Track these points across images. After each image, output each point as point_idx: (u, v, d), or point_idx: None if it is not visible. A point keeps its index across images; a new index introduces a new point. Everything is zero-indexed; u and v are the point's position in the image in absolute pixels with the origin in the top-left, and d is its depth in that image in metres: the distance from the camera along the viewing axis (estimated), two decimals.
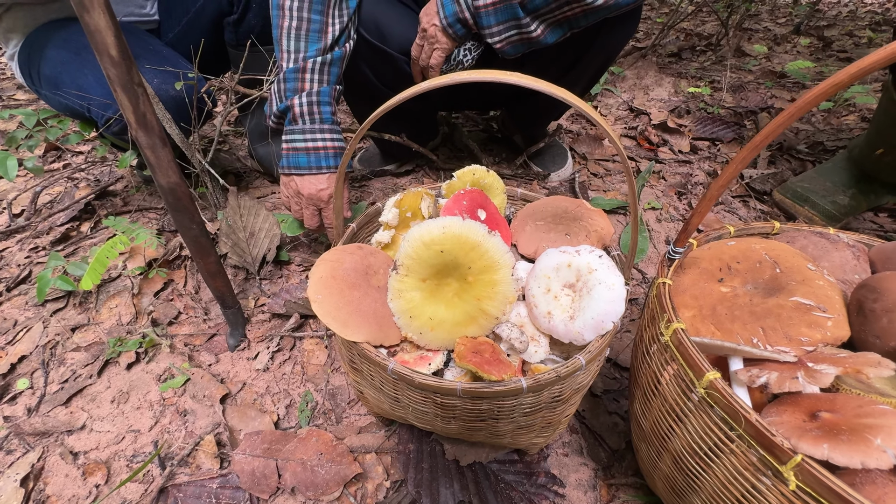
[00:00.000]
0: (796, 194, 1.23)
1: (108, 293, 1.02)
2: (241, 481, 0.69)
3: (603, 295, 0.55)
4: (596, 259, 0.58)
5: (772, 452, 0.37)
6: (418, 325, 0.59)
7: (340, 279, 0.59)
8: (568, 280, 0.59)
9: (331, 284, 0.58)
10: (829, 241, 0.59)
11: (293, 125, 0.86)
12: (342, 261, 0.61)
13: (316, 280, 0.58)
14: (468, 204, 0.70)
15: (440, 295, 0.59)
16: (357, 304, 0.57)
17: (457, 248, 0.56)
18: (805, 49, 2.48)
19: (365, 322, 0.56)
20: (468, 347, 0.55)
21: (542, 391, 0.54)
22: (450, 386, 0.51)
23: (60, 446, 0.76)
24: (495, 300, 0.58)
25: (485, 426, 0.59)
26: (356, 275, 0.60)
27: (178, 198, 0.71)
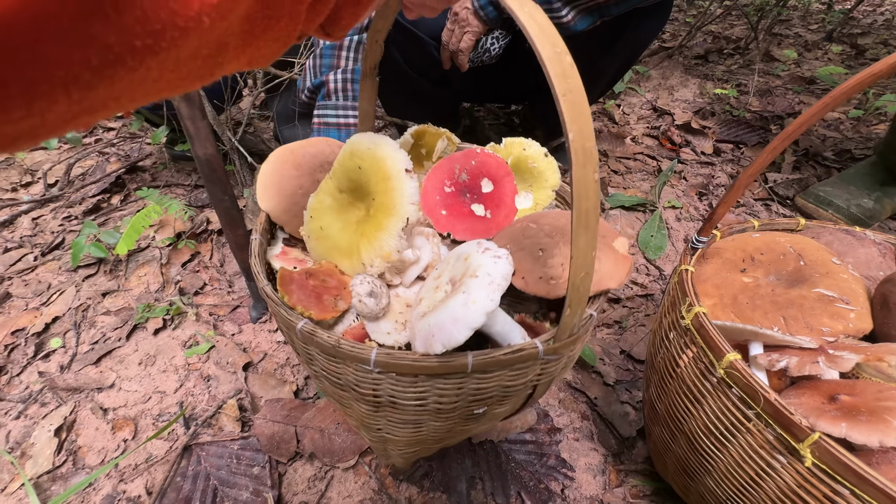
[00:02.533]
0: (819, 198, 1.22)
1: (138, 262, 1.06)
2: (261, 444, 0.72)
3: (454, 305, 0.39)
4: (490, 262, 0.42)
5: (789, 431, 0.38)
6: (311, 229, 0.56)
7: (290, 164, 0.59)
8: (455, 274, 0.45)
9: (279, 168, 0.58)
10: (856, 238, 0.59)
11: (326, 101, 0.88)
12: (303, 148, 0.61)
13: (270, 158, 0.60)
14: (469, 171, 0.60)
15: (345, 213, 0.55)
16: (284, 183, 0.58)
17: (372, 172, 0.52)
18: (836, 56, 2.43)
19: (278, 197, 0.57)
20: (299, 280, 0.49)
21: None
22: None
23: (91, 402, 0.79)
24: (372, 245, 0.51)
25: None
26: (307, 161, 0.60)
27: (213, 169, 0.74)
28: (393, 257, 0.50)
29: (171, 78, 0.18)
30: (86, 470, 0.70)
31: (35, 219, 1.23)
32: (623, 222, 1.23)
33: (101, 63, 0.15)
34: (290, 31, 0.24)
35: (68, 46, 0.14)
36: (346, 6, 0.28)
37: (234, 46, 0.21)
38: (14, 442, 0.73)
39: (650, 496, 0.68)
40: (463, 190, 0.62)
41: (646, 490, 0.69)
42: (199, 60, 0.19)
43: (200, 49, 0.19)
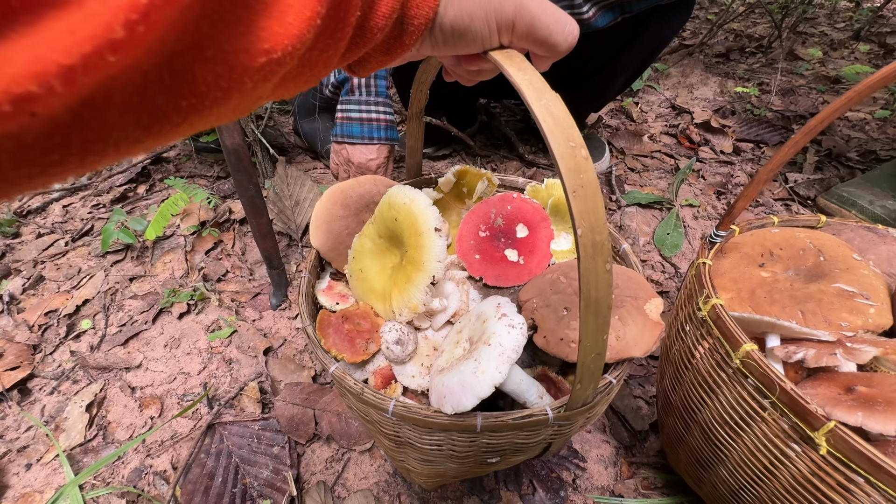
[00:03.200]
0: (842, 199, 1.20)
1: (163, 249, 1.09)
2: (281, 425, 0.74)
3: (465, 370, 0.41)
4: (504, 330, 0.43)
5: (804, 419, 0.39)
6: (352, 269, 0.59)
7: (339, 204, 0.61)
8: (473, 334, 0.47)
9: (329, 208, 0.61)
10: (878, 234, 0.59)
11: (350, 96, 0.90)
12: (352, 188, 0.63)
13: (323, 198, 0.62)
14: (505, 216, 0.61)
15: (383, 258, 0.58)
16: (333, 222, 0.60)
17: (406, 226, 0.53)
18: (864, 55, 2.37)
19: (326, 235, 0.59)
20: (336, 324, 0.53)
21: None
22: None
23: (119, 381, 0.83)
24: (402, 295, 0.53)
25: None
26: (355, 201, 0.62)
27: (240, 158, 0.76)
28: (420, 310, 0.52)
29: (208, 124, 0.19)
30: (115, 444, 0.74)
31: (66, 206, 1.27)
32: (639, 219, 1.23)
33: (150, 122, 0.16)
34: (320, 78, 0.25)
35: (128, 111, 0.15)
36: (375, 55, 0.29)
37: (269, 96, 0.22)
38: (49, 416, 0.77)
39: (661, 488, 0.69)
40: (498, 235, 0.64)
41: (657, 482, 0.69)
42: (238, 112, 0.20)
43: (241, 103, 0.20)
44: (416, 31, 0.29)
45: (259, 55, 0.18)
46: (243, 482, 0.69)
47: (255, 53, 0.18)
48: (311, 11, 0.20)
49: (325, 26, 0.22)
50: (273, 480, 0.69)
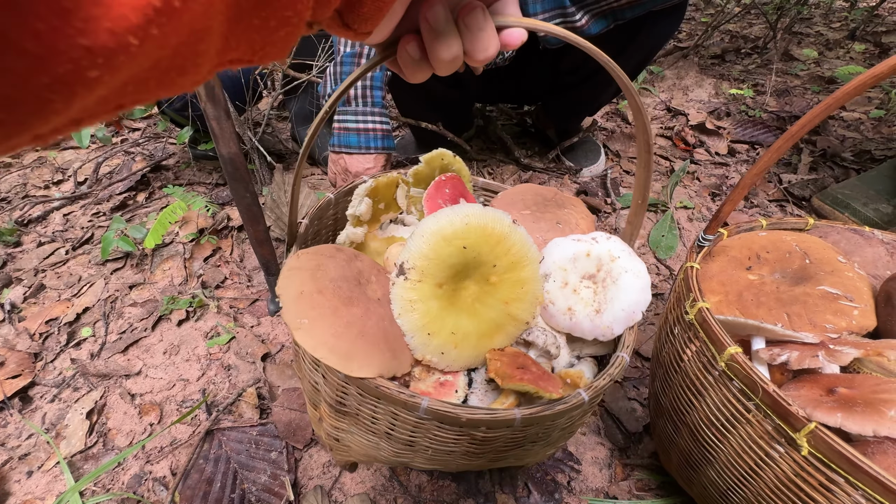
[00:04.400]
0: (836, 200, 1.20)
1: (162, 256, 1.11)
2: (278, 431, 0.75)
3: (631, 283, 0.51)
4: (617, 246, 0.54)
5: (787, 421, 0.40)
6: (439, 344, 0.46)
7: (330, 293, 0.43)
8: (587, 271, 0.53)
9: (319, 302, 0.42)
10: (863, 237, 0.60)
11: (346, 107, 0.92)
12: (324, 267, 0.45)
13: (294, 297, 0.41)
14: (451, 192, 0.61)
15: (459, 302, 0.48)
16: (361, 326, 0.42)
17: (482, 243, 0.46)
18: (859, 55, 2.38)
19: (376, 350, 0.42)
20: (507, 363, 0.45)
21: (596, 400, 0.46)
22: (506, 416, 0.40)
23: (119, 388, 0.84)
24: (525, 302, 0.49)
25: (515, 453, 0.49)
26: (348, 285, 0.45)
27: (236, 167, 0.78)
28: (545, 299, 0.50)
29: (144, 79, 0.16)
30: (115, 451, 0.75)
31: (66, 215, 1.29)
32: None
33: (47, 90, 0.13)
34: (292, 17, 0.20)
35: None
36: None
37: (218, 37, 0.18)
38: (49, 423, 0.78)
39: (655, 489, 0.69)
40: None
41: (651, 483, 0.70)
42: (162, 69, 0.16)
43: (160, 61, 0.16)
44: None
45: None
46: (241, 487, 0.70)
47: None
48: None
49: None
50: (271, 485, 0.69)
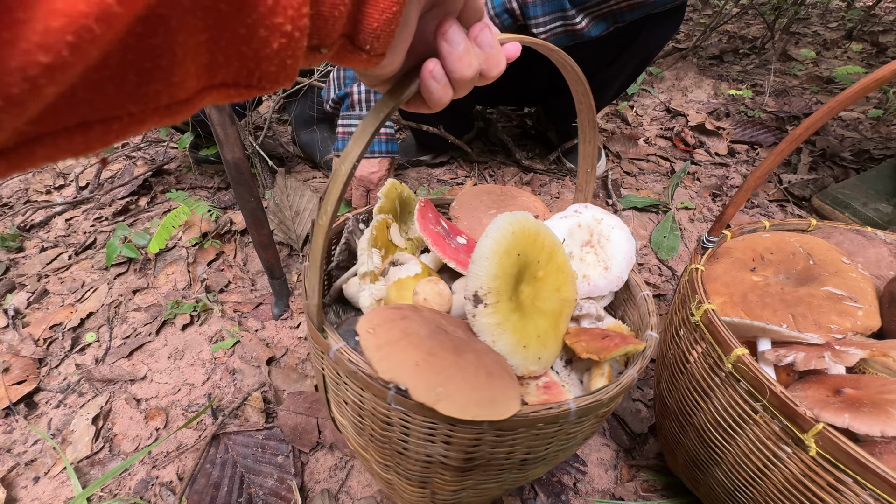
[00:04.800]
0: (836, 200, 1.21)
1: (166, 261, 1.11)
2: (284, 434, 0.75)
3: (621, 235, 0.60)
4: (595, 210, 0.62)
5: (794, 421, 0.40)
6: (534, 352, 0.47)
7: (440, 351, 0.40)
8: (584, 239, 0.61)
9: (439, 365, 0.38)
10: (866, 238, 0.60)
11: (350, 111, 0.92)
12: (411, 330, 0.42)
13: (413, 372, 0.37)
14: (432, 216, 0.64)
15: (525, 307, 0.49)
16: (484, 368, 0.40)
17: (528, 246, 0.49)
18: (856, 55, 2.39)
19: (506, 384, 0.40)
20: (589, 339, 0.49)
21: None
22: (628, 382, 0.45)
23: (125, 393, 0.84)
24: (569, 283, 0.53)
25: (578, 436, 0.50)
26: (442, 337, 0.42)
27: (240, 172, 0.78)
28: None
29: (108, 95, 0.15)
30: (121, 456, 0.75)
31: (68, 220, 1.29)
32: (636, 223, 1.24)
33: None
34: (284, 24, 0.19)
35: None
36: (372, 2, 0.23)
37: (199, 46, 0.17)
38: (55, 429, 0.78)
39: (661, 490, 0.69)
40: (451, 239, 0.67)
41: (657, 485, 0.70)
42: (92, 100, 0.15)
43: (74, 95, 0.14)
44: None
45: None
46: (248, 491, 0.70)
47: None
48: None
49: None
50: (278, 489, 0.70)
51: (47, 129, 0.15)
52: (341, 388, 0.46)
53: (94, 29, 0.12)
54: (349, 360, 0.42)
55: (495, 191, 0.75)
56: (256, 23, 0.18)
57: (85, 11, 0.12)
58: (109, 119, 0.16)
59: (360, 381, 0.42)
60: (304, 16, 0.20)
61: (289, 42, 0.20)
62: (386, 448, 0.46)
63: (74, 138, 0.15)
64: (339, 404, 0.50)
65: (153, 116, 0.17)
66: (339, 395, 0.48)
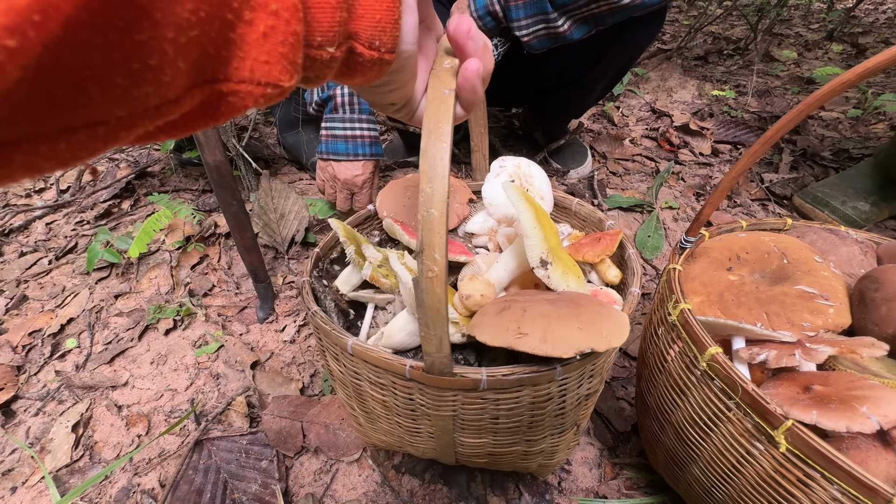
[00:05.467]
0: (816, 199, 1.23)
1: (149, 265, 1.09)
2: (269, 439, 0.75)
3: (537, 171, 0.73)
4: (513, 160, 0.73)
5: (765, 419, 0.41)
6: (583, 279, 0.55)
7: (580, 315, 0.44)
8: (518, 184, 0.71)
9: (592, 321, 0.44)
10: (839, 236, 0.61)
11: (334, 114, 0.92)
12: (546, 311, 0.45)
13: (579, 335, 0.42)
14: (402, 225, 0.66)
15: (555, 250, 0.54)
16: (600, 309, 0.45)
17: (532, 204, 0.55)
18: (837, 56, 2.44)
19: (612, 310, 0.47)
20: (590, 247, 0.59)
21: None
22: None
23: (106, 399, 0.82)
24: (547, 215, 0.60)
25: None
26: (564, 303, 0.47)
27: (222, 175, 0.77)
28: None
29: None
30: (102, 464, 0.74)
31: (49, 224, 1.27)
32: (621, 223, 1.25)
33: None
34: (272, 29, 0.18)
35: None
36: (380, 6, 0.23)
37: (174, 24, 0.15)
38: (34, 437, 0.77)
39: (643, 488, 0.70)
40: None
41: (639, 482, 0.71)
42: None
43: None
44: None
45: None
46: (232, 497, 0.69)
47: None
48: None
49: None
50: (261, 495, 0.69)
51: (24, 133, 0.14)
52: (489, 409, 0.48)
53: (62, 7, 0.11)
54: (504, 375, 0.44)
55: (409, 182, 0.75)
56: (242, 5, 0.17)
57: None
58: (95, 124, 0.15)
59: (524, 382, 0.45)
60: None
61: (276, 23, 0.18)
62: (544, 421, 0.51)
63: (57, 145, 0.14)
64: (480, 429, 0.51)
65: (143, 119, 0.16)
66: (483, 418, 0.49)
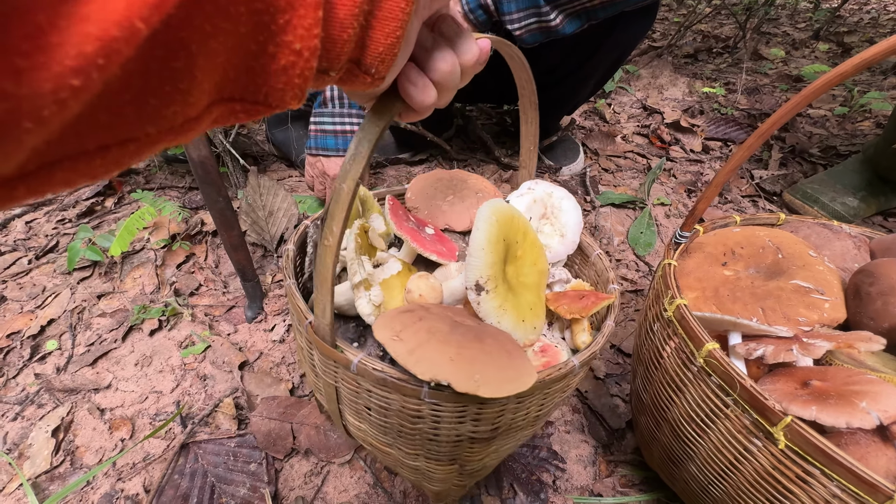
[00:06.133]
0: (806, 195, 1.24)
1: (133, 264, 1.06)
2: (257, 441, 0.73)
3: (569, 205, 0.66)
4: (544, 185, 0.67)
5: (763, 415, 0.40)
6: (530, 324, 0.52)
7: (467, 344, 0.43)
8: (540, 212, 0.66)
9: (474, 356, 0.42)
10: (832, 231, 0.61)
11: (323, 108, 0.90)
12: (435, 329, 0.45)
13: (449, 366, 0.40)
14: (402, 212, 0.64)
15: (513, 285, 0.53)
16: (505, 350, 0.44)
17: (509, 230, 0.53)
18: (823, 54, 2.47)
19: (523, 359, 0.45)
20: (569, 301, 0.54)
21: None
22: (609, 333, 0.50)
23: (88, 402, 0.80)
24: (542, 255, 0.57)
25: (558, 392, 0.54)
26: (462, 329, 0.46)
27: (207, 171, 0.75)
28: None
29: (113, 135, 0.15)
30: (84, 469, 0.71)
31: (28, 222, 1.23)
32: (613, 219, 1.25)
33: None
34: (293, 42, 0.19)
35: None
36: (378, 26, 0.23)
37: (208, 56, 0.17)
38: (12, 443, 0.74)
39: (639, 485, 0.70)
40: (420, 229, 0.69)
41: (634, 479, 0.70)
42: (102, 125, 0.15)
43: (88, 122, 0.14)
44: None
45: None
46: (220, 502, 0.67)
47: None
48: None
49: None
50: (250, 498, 0.67)
51: (68, 153, 0.15)
52: (363, 396, 0.47)
53: (123, 52, 0.13)
54: (374, 368, 0.43)
55: (445, 176, 0.75)
56: (267, 40, 0.19)
57: (116, 36, 0.12)
58: (127, 141, 0.16)
59: (389, 386, 0.43)
60: (314, 36, 0.20)
61: (297, 60, 0.20)
62: (416, 438, 0.49)
63: (94, 161, 0.16)
64: (358, 412, 0.51)
65: (167, 136, 0.18)
66: (359, 402, 0.49)
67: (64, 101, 0.12)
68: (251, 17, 0.18)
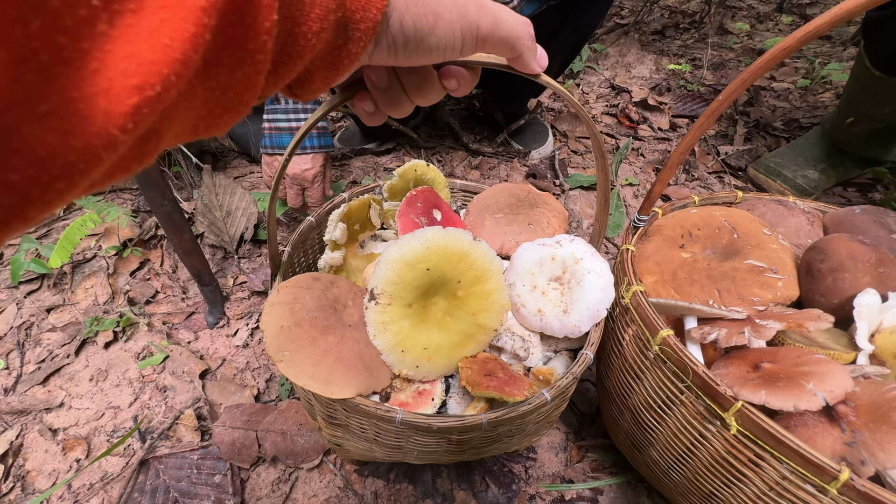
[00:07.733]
0: (769, 169, 1.26)
1: (84, 274, 1.01)
2: (221, 452, 0.71)
3: (594, 283, 0.53)
4: (580, 248, 0.56)
5: (716, 401, 0.40)
6: (413, 359, 0.50)
7: (307, 324, 0.47)
8: (554, 274, 0.56)
9: (297, 335, 0.45)
10: (787, 207, 0.61)
11: (275, 104, 0.85)
12: (301, 299, 0.48)
13: (275, 332, 0.45)
14: (422, 206, 0.63)
15: (429, 318, 0.51)
16: (337, 352, 0.46)
17: (444, 263, 0.49)
18: (787, 27, 2.49)
19: (352, 372, 0.46)
20: (476, 371, 0.49)
21: (564, 394, 0.51)
22: (474, 422, 0.45)
23: (39, 423, 0.76)
24: (492, 312, 0.52)
25: (498, 446, 0.55)
26: (324, 314, 0.48)
27: (147, 173, 0.71)
28: (518, 302, 0.55)
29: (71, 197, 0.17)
30: (36, 494, 0.68)
31: None
32: (582, 202, 1.24)
33: None
34: (246, 105, 0.21)
35: None
36: (318, 70, 0.25)
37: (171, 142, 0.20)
38: None
39: (609, 468, 0.70)
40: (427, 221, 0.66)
41: (605, 463, 0.71)
42: (119, 174, 0.18)
43: (120, 163, 0.17)
44: (363, 36, 0.24)
45: (126, 95, 0.14)
46: None
47: (119, 94, 0.14)
48: (196, 24, 0.15)
49: (223, 38, 0.18)
50: None
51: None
52: (353, 421, 0.51)
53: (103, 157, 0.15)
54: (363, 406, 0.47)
55: (519, 193, 0.70)
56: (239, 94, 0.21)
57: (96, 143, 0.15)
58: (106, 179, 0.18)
59: (372, 416, 0.47)
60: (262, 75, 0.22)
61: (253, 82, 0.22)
62: (394, 451, 0.55)
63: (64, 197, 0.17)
64: (347, 433, 0.55)
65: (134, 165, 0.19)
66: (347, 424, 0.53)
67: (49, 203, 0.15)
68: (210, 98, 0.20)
